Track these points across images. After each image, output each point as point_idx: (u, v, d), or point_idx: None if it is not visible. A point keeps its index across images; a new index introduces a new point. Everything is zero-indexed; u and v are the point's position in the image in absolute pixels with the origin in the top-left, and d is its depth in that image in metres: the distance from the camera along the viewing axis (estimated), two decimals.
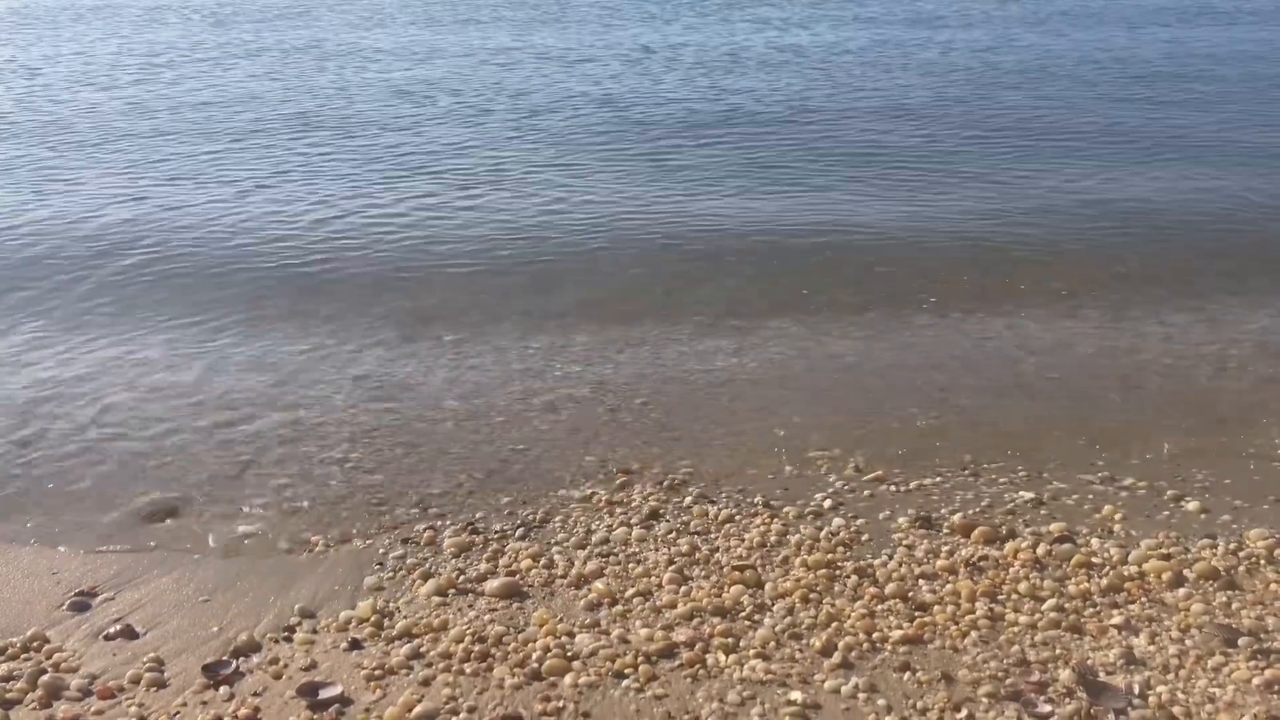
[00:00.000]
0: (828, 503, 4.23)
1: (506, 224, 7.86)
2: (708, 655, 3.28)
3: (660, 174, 9.17)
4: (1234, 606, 3.46)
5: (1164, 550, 3.80)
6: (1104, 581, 3.61)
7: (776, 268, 6.93)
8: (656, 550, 3.90)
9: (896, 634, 3.34)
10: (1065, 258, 7.04)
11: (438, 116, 11.19)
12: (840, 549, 3.88)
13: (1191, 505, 4.15)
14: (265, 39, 16.21)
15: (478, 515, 4.22)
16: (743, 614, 3.49)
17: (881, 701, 3.06)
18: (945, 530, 4.00)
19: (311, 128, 10.73)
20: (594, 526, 4.10)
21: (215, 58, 14.63)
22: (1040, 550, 3.81)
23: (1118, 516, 4.08)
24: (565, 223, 7.86)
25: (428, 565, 3.87)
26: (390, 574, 3.83)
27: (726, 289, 6.61)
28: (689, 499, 4.28)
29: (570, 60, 14.20)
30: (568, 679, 3.19)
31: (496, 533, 4.09)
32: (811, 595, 3.57)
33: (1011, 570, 3.70)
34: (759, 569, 3.74)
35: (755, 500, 4.27)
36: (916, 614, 3.46)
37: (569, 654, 3.30)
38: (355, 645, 3.40)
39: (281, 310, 6.36)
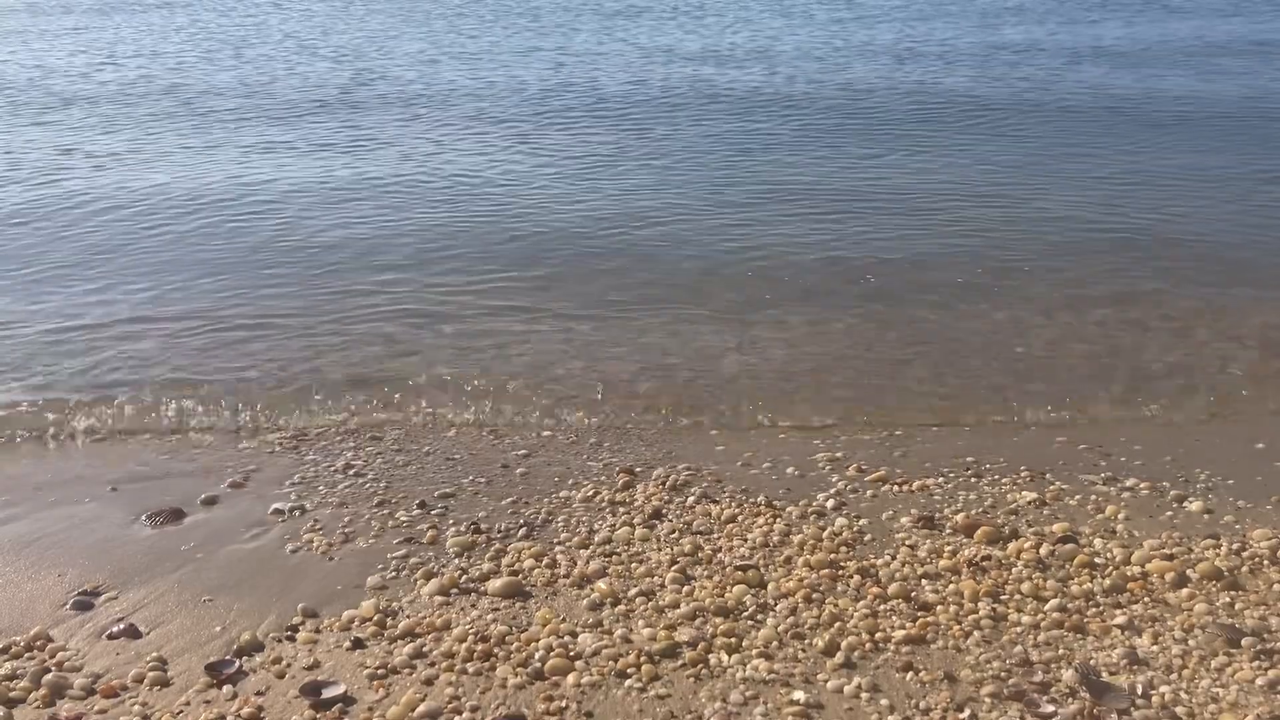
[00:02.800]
0: (830, 502, 4.23)
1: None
2: (710, 655, 3.27)
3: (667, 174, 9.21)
4: (1237, 607, 3.45)
5: (1167, 550, 3.79)
6: (1107, 581, 3.60)
7: (774, 265, 6.95)
8: (659, 550, 3.90)
9: (899, 634, 3.34)
10: (1069, 250, 7.05)
11: None
12: (843, 549, 3.87)
13: (1194, 505, 4.15)
14: None
15: (480, 514, 4.23)
16: (745, 614, 3.48)
17: (884, 701, 3.06)
18: (948, 530, 4.00)
19: None
20: (596, 526, 4.10)
21: None
22: (1043, 550, 3.80)
23: (1120, 517, 4.07)
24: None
25: (430, 564, 3.87)
26: (393, 573, 3.83)
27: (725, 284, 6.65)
28: (691, 498, 4.28)
29: None
30: (570, 678, 3.18)
31: (499, 532, 4.09)
32: (814, 595, 3.57)
33: (1014, 570, 3.70)
34: (761, 569, 3.74)
35: (758, 500, 4.27)
36: (919, 614, 3.45)
37: (571, 653, 3.30)
38: (358, 644, 3.40)
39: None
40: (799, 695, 3.09)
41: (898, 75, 13.06)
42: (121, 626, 3.53)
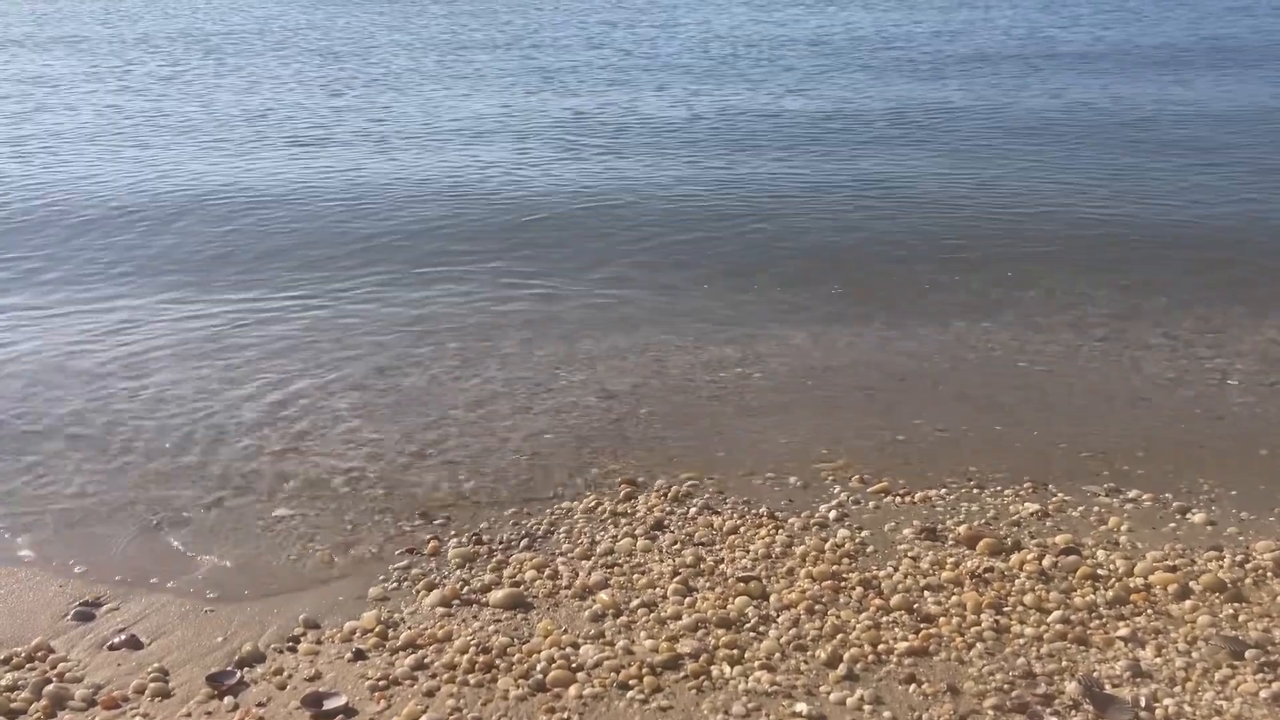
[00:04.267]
0: (832, 514, 4.22)
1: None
2: (712, 666, 3.27)
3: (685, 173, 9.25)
4: (1240, 619, 3.45)
5: (1170, 562, 3.79)
6: (1110, 593, 3.59)
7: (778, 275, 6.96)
8: (661, 561, 3.89)
9: (902, 646, 3.33)
10: (1071, 268, 7.04)
11: None
12: (845, 560, 3.87)
13: (1197, 517, 4.14)
14: None
15: (482, 526, 4.22)
16: (747, 625, 3.48)
17: (887, 713, 3.05)
18: (950, 542, 3.99)
19: None
20: (598, 537, 4.10)
21: None
22: (1045, 562, 3.79)
23: (1123, 528, 4.07)
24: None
25: (432, 576, 3.86)
26: (394, 584, 3.82)
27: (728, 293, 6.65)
28: (693, 509, 4.28)
29: None
30: (572, 690, 3.18)
31: (501, 543, 4.09)
32: (816, 606, 3.56)
33: (1017, 582, 3.69)
34: (764, 580, 3.74)
35: (760, 511, 4.26)
36: (922, 625, 3.44)
37: (573, 665, 3.30)
38: (359, 655, 3.40)
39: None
40: (801, 707, 3.08)
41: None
42: (123, 637, 3.53)
